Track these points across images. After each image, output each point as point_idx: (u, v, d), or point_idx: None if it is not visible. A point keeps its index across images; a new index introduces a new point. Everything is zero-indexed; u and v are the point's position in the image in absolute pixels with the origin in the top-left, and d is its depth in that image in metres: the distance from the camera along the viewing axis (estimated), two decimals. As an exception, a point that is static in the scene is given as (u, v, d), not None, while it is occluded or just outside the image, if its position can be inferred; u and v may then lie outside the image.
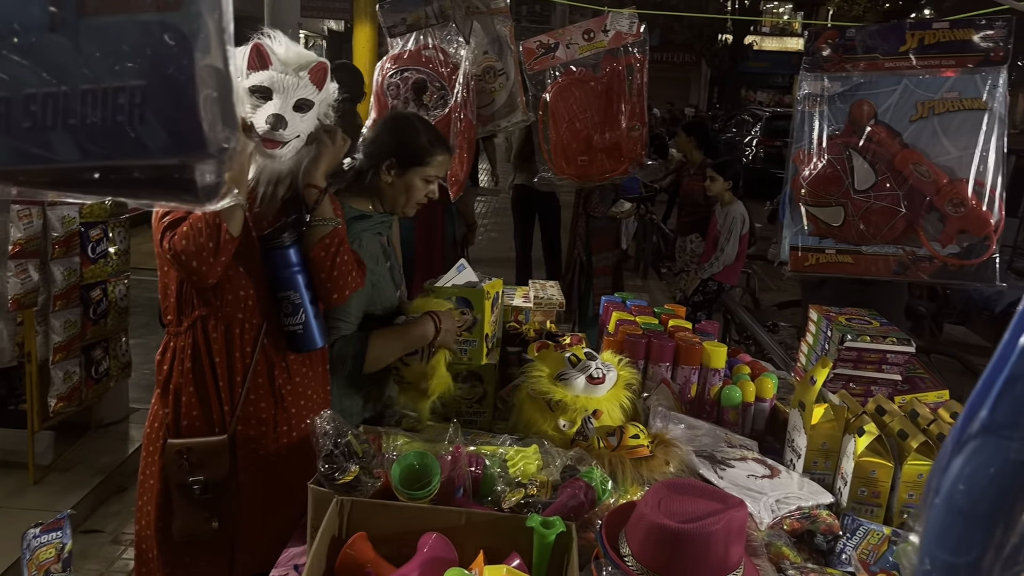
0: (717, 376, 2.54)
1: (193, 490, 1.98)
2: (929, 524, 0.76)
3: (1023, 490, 0.69)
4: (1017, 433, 0.69)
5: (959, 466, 0.73)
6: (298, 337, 2.05)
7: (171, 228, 1.90)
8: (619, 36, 3.19)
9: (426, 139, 2.37)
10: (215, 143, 0.89)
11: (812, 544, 1.95)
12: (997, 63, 2.54)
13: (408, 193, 2.37)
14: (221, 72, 0.89)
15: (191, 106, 0.88)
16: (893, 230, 2.65)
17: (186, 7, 0.86)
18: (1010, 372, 0.69)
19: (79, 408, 3.92)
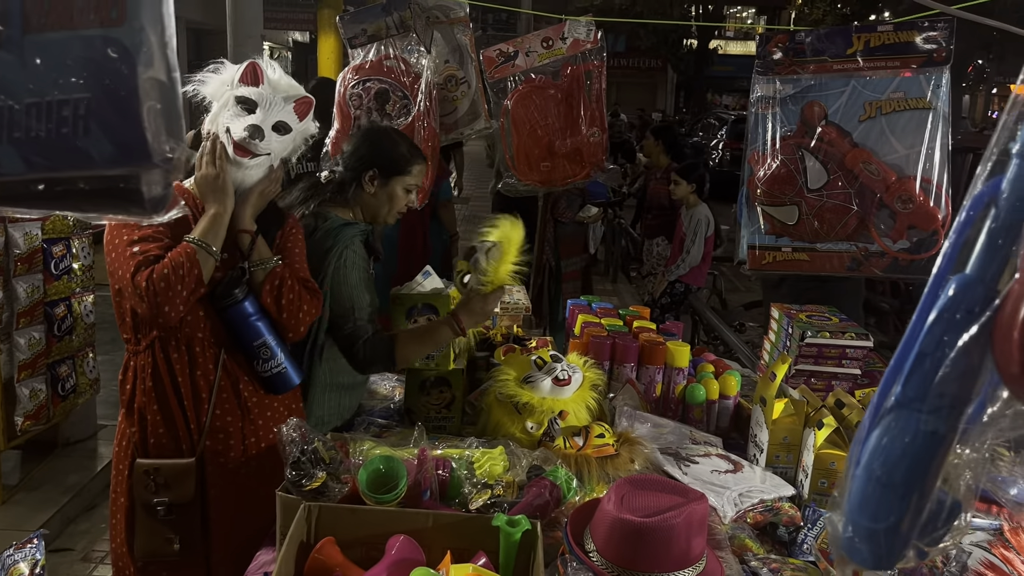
0: (681, 375, 2.59)
1: (157, 511, 1.98)
2: (851, 493, 0.80)
3: (933, 458, 0.75)
4: (926, 406, 0.74)
5: (876, 438, 0.77)
6: (281, 377, 2.09)
7: (146, 265, 1.91)
8: (577, 43, 3.24)
9: (405, 148, 2.46)
10: (159, 153, 0.92)
11: (775, 536, 1.99)
12: (940, 63, 2.63)
13: (391, 202, 2.43)
14: (164, 84, 0.92)
15: (135, 117, 0.90)
16: (846, 227, 2.72)
17: (129, 22, 0.89)
18: (919, 350, 0.74)
19: (46, 426, 3.87)
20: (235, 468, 2.06)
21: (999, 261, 0.70)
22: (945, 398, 0.73)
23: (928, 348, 0.73)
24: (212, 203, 1.98)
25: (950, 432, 0.74)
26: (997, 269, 0.70)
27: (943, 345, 0.72)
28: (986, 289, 0.70)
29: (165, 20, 0.92)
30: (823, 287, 3.14)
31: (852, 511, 0.80)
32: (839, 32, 2.71)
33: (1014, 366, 0.65)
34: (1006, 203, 0.71)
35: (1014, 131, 0.73)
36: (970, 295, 0.71)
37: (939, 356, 0.72)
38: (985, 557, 1.74)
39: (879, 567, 0.80)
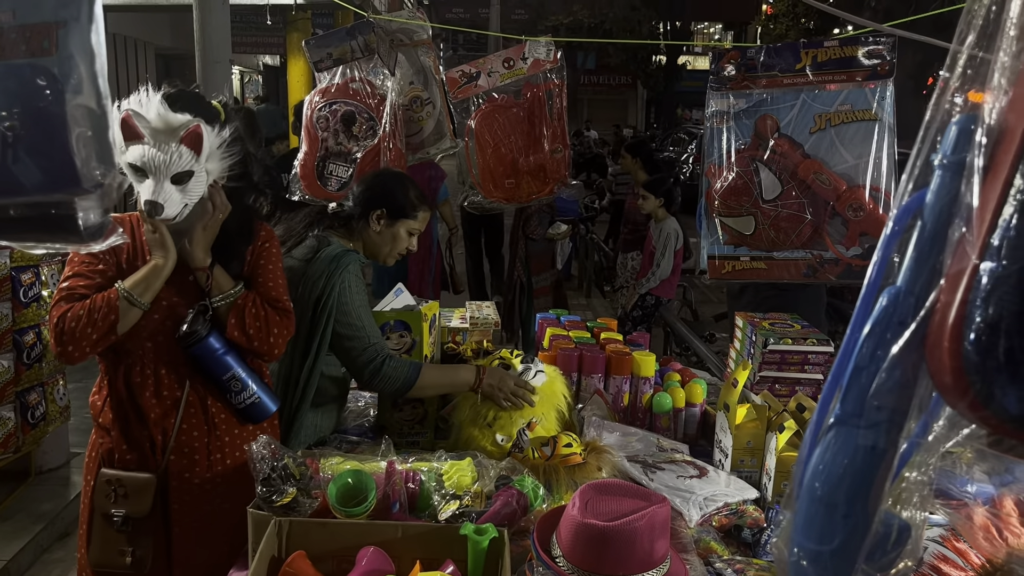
0: (648, 384, 2.64)
1: (114, 521, 1.99)
2: (796, 515, 0.79)
3: (875, 475, 0.73)
4: (863, 421, 0.73)
5: (817, 457, 0.77)
6: (256, 407, 2.09)
7: (68, 300, 1.93)
8: (537, 63, 3.31)
9: (414, 195, 2.54)
10: (89, 179, 0.93)
11: (739, 538, 2.03)
12: (884, 76, 2.73)
13: (394, 242, 2.52)
14: (94, 111, 0.94)
15: (63, 144, 0.92)
16: (801, 235, 2.80)
17: (59, 52, 0.92)
18: (854, 364, 0.74)
19: (16, 455, 3.85)
20: (200, 485, 2.07)
21: (927, 272, 0.70)
22: (883, 411, 0.72)
23: (863, 362, 0.73)
24: (155, 255, 1.96)
25: (890, 447, 0.73)
26: (926, 280, 0.70)
27: (877, 358, 0.72)
28: (916, 300, 0.70)
29: (95, 50, 0.94)
30: (783, 295, 3.22)
31: (797, 533, 0.78)
32: (788, 48, 2.81)
33: (946, 376, 0.64)
34: (931, 214, 0.71)
35: (935, 143, 0.73)
36: (901, 307, 0.71)
37: (874, 369, 0.72)
38: (939, 551, 1.79)
39: None
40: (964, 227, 0.65)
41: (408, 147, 3.37)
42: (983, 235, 0.62)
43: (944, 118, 0.73)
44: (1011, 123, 0.64)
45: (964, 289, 0.63)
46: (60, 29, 0.91)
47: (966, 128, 0.69)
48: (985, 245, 0.62)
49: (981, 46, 0.69)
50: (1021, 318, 0.60)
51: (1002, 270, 0.60)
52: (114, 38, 10.67)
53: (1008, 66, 0.66)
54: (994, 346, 0.60)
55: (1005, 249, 0.61)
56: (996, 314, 0.60)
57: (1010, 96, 0.65)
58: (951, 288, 0.64)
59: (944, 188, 0.70)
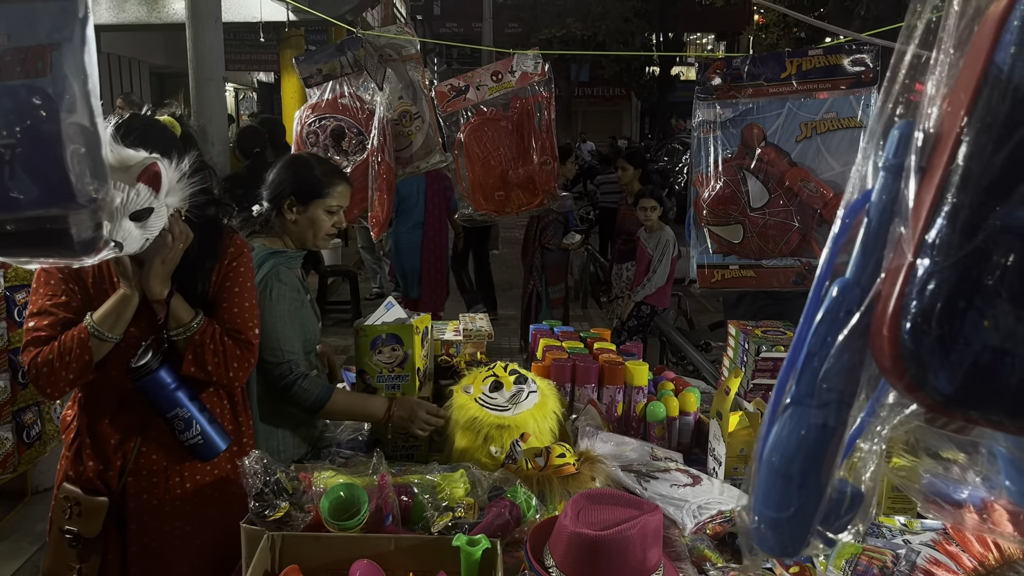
0: (641, 393, 2.65)
1: (67, 536, 2.00)
2: (756, 487, 0.86)
3: (825, 450, 0.80)
4: (815, 401, 0.80)
5: (775, 434, 0.83)
6: (201, 447, 2.02)
7: (35, 344, 1.91)
8: (525, 76, 3.34)
9: (320, 172, 2.46)
10: (84, 194, 0.96)
11: (733, 545, 2.04)
12: (868, 84, 2.76)
13: (314, 226, 2.45)
14: (87, 129, 0.97)
15: (59, 160, 0.95)
16: (789, 243, 2.82)
17: (53, 72, 0.95)
18: (807, 351, 0.80)
19: (13, 475, 3.84)
20: (159, 506, 2.05)
21: (872, 265, 0.76)
22: (832, 392, 0.78)
23: (815, 348, 0.79)
24: (122, 284, 1.92)
25: (840, 424, 0.80)
26: (871, 273, 0.75)
27: (827, 344, 0.78)
28: (862, 291, 0.76)
29: (88, 70, 0.97)
30: (780, 303, 3.23)
31: (758, 503, 0.85)
32: (773, 57, 2.83)
33: (886, 360, 0.70)
34: (875, 212, 0.77)
35: (879, 146, 0.79)
36: (849, 297, 0.77)
37: (825, 354, 0.78)
38: (931, 555, 1.80)
39: (785, 554, 0.86)
40: (903, 226, 0.71)
41: (398, 161, 3.39)
42: (919, 234, 0.68)
43: (888, 122, 0.79)
44: (945, 129, 0.70)
45: (901, 283, 0.69)
46: (54, 51, 0.95)
47: (907, 133, 0.75)
48: (920, 243, 0.68)
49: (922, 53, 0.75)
50: (950, 309, 0.66)
51: (934, 267, 0.67)
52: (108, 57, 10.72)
53: (946, 73, 0.71)
54: (927, 334, 0.67)
55: (937, 247, 0.67)
56: (929, 306, 0.66)
57: (946, 103, 0.71)
58: (891, 281, 0.70)
59: (887, 188, 0.76)
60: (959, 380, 0.66)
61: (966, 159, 0.66)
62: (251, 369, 2.11)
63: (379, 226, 3.26)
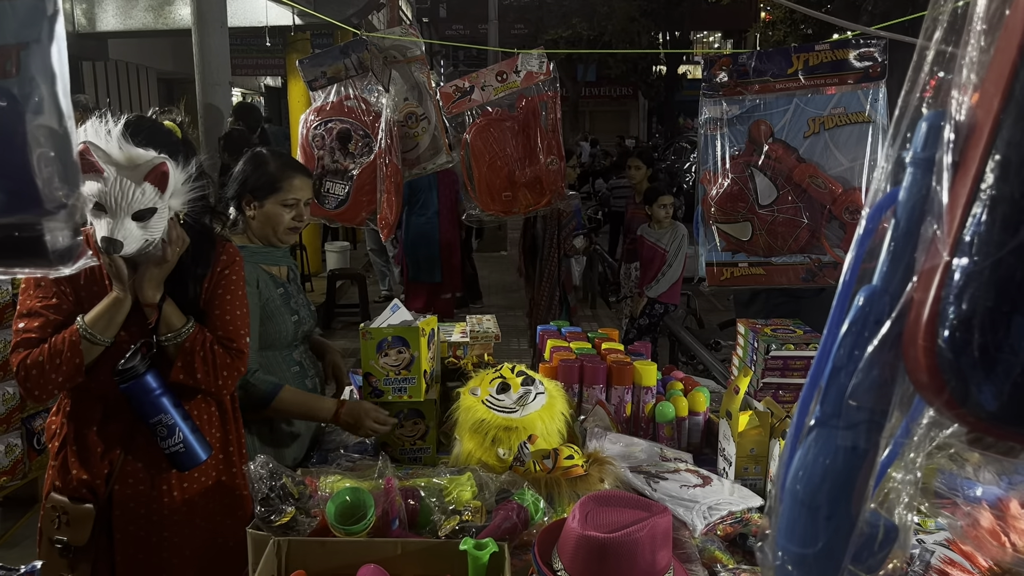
0: (650, 394, 2.62)
1: (57, 546, 1.99)
2: (779, 518, 0.78)
3: (856, 476, 0.73)
4: (843, 422, 0.73)
5: (798, 460, 0.76)
6: (181, 456, 1.98)
7: (25, 346, 1.89)
8: (530, 76, 3.32)
9: (274, 166, 2.46)
10: (52, 200, 0.91)
11: (744, 546, 2.02)
12: (876, 78, 2.73)
13: (273, 221, 2.45)
14: (56, 132, 0.92)
15: (24, 165, 0.91)
16: (798, 240, 2.80)
17: (22, 73, 0.91)
18: (832, 365, 0.74)
19: (23, 481, 3.85)
20: (145, 515, 2.04)
21: (902, 270, 0.69)
22: (862, 411, 0.72)
23: (841, 362, 0.73)
24: (115, 287, 1.90)
25: (871, 447, 0.73)
26: (901, 278, 0.69)
27: (855, 358, 0.71)
28: (892, 298, 0.69)
29: (56, 70, 0.93)
30: (796, 300, 3.20)
31: (781, 536, 0.78)
32: (779, 53, 2.81)
33: (922, 374, 0.64)
34: (903, 212, 0.71)
35: (906, 139, 0.72)
36: (877, 306, 0.71)
37: (852, 369, 0.71)
38: (945, 554, 1.78)
39: None
40: (935, 224, 0.64)
41: (404, 163, 3.38)
42: (954, 232, 0.62)
43: (914, 115, 0.72)
44: (979, 119, 0.63)
45: (937, 286, 0.62)
46: (22, 51, 0.91)
47: (935, 124, 0.68)
48: (956, 242, 0.61)
49: (949, 41, 0.69)
50: (994, 314, 0.59)
51: (973, 266, 0.60)
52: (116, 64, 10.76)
53: (976, 60, 0.65)
54: (968, 343, 0.60)
55: (976, 245, 0.60)
56: (969, 311, 0.60)
57: (978, 91, 0.64)
58: (924, 285, 0.64)
59: (916, 185, 0.70)
60: (1006, 394, 0.59)
61: (1004, 148, 0.60)
62: (240, 378, 2.08)
63: (388, 227, 3.25)
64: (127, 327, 1.95)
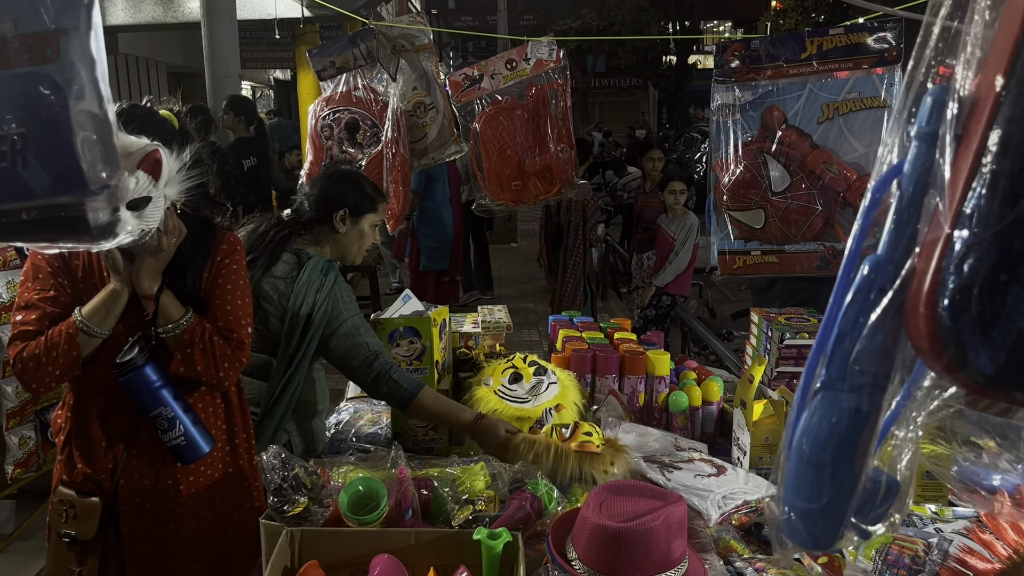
0: (663, 383, 2.61)
1: (65, 540, 1.98)
2: (786, 476, 0.82)
3: (858, 436, 0.76)
4: (847, 385, 0.76)
5: (805, 420, 0.79)
6: (183, 449, 1.95)
7: (22, 338, 1.88)
8: (540, 63, 3.29)
9: (370, 188, 2.54)
10: (96, 181, 0.95)
11: (760, 536, 2.00)
12: (891, 62, 2.69)
13: (361, 239, 2.52)
14: (98, 116, 0.96)
15: (69, 148, 0.94)
16: (812, 227, 2.77)
17: (61, 59, 0.93)
18: (838, 331, 0.76)
19: (38, 473, 3.87)
20: (152, 509, 2.02)
21: (906, 240, 0.72)
22: (865, 376, 0.75)
23: (846, 328, 0.75)
24: (112, 279, 1.87)
25: (873, 409, 0.76)
26: (905, 247, 0.72)
27: (859, 325, 0.74)
28: (895, 267, 0.72)
29: (95, 56, 0.96)
30: (814, 286, 3.16)
31: (788, 493, 0.82)
32: (792, 38, 2.77)
33: (923, 340, 0.67)
34: (908, 184, 0.73)
35: (912, 114, 0.75)
36: (881, 274, 0.73)
37: (856, 335, 0.74)
38: (965, 543, 1.76)
39: (818, 547, 0.82)
40: (938, 197, 0.67)
41: (413, 153, 3.36)
42: (955, 204, 0.65)
43: (920, 90, 0.74)
44: (982, 94, 0.66)
45: (938, 257, 0.65)
46: (61, 37, 0.94)
47: (940, 99, 0.70)
48: (957, 214, 0.64)
49: (955, 17, 0.70)
50: (991, 284, 0.62)
51: (973, 238, 0.63)
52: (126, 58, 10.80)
53: (980, 36, 0.67)
54: (966, 311, 0.63)
55: (976, 218, 0.63)
56: (968, 280, 0.63)
57: (982, 67, 0.67)
58: (926, 256, 0.67)
59: (920, 158, 0.72)
60: (1002, 359, 0.62)
61: (1006, 123, 0.62)
62: (242, 369, 2.05)
63: (395, 219, 3.24)
64: (125, 319, 1.93)
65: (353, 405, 2.88)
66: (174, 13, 8.47)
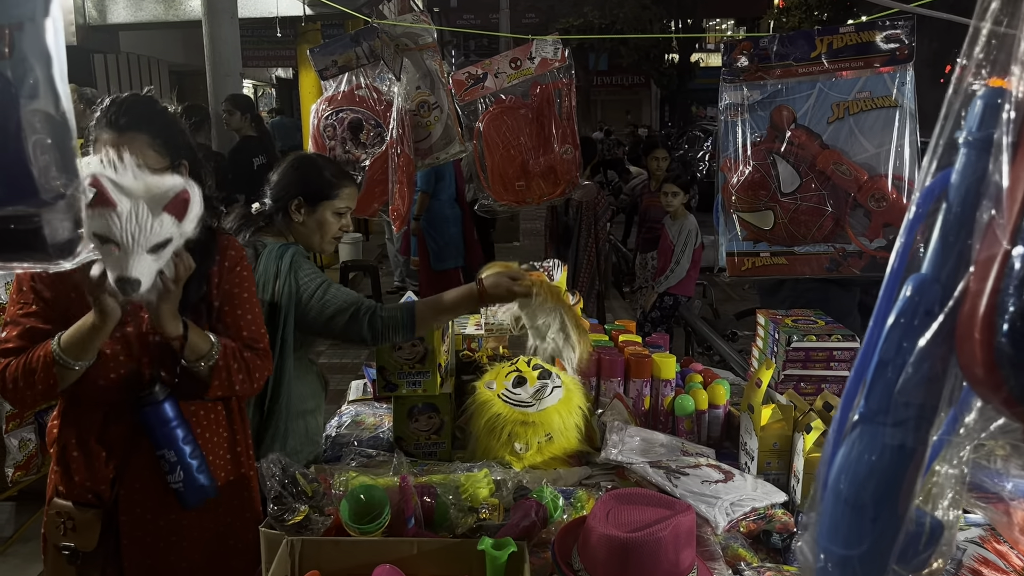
0: (669, 387, 2.58)
1: (64, 553, 1.94)
2: (820, 518, 0.75)
3: (903, 475, 0.70)
4: (890, 418, 0.69)
5: (842, 457, 0.73)
6: (181, 495, 1.92)
7: (3, 355, 1.84)
8: (545, 62, 3.26)
9: (330, 173, 2.43)
10: (49, 190, 0.86)
11: (769, 543, 1.97)
12: (903, 61, 2.65)
13: (321, 229, 2.42)
14: (53, 117, 0.87)
15: (18, 152, 0.85)
16: (822, 229, 2.73)
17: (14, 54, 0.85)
18: (879, 358, 0.70)
19: (37, 476, 3.83)
20: (152, 520, 1.98)
21: (955, 257, 0.66)
22: (910, 408, 0.69)
23: (888, 355, 0.69)
24: (93, 312, 1.71)
25: (919, 445, 0.70)
26: (953, 266, 0.66)
27: (903, 351, 0.68)
28: (943, 288, 0.66)
29: (51, 50, 0.87)
30: (824, 287, 3.11)
31: (823, 537, 0.75)
32: (802, 36, 2.73)
33: (978, 368, 0.60)
34: (956, 195, 0.67)
35: (959, 119, 0.69)
36: (928, 295, 0.67)
37: (900, 363, 0.68)
38: (979, 553, 1.72)
39: None
40: (993, 209, 0.60)
41: (417, 152, 3.32)
42: (1015, 217, 0.58)
43: (968, 93, 0.68)
44: None
45: (995, 276, 0.59)
46: (16, 31, 0.85)
47: (992, 103, 0.64)
48: (1017, 228, 0.58)
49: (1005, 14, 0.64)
50: None
51: None
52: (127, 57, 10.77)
53: None
54: None
55: None
56: None
57: None
58: (981, 275, 0.60)
59: (970, 167, 0.66)
60: None
61: None
62: (269, 375, 2.05)
63: (400, 219, 3.20)
64: (148, 354, 1.89)
65: (354, 408, 2.85)
66: (175, 11, 8.44)
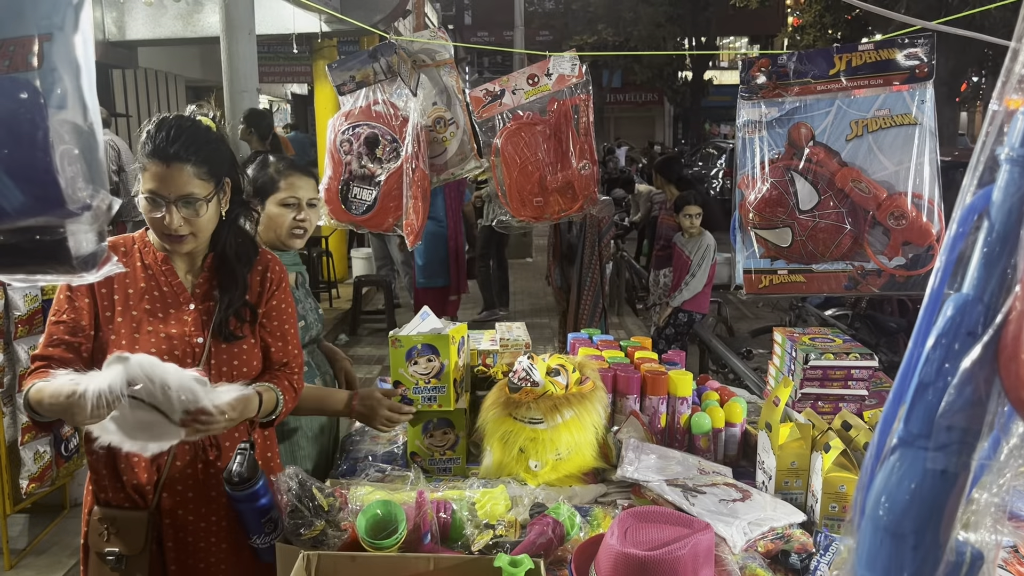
0: (685, 404, 2.56)
1: (108, 560, 1.95)
2: (858, 546, 0.73)
3: (945, 502, 0.68)
4: (932, 442, 0.67)
5: (881, 482, 0.71)
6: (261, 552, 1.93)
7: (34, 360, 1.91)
8: (562, 79, 3.26)
9: (273, 167, 2.44)
10: (76, 200, 0.86)
11: (787, 564, 1.94)
12: (923, 79, 2.63)
13: (275, 223, 2.43)
14: (80, 128, 0.87)
15: (46, 163, 0.85)
16: (840, 247, 2.70)
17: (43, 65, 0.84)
18: (919, 380, 0.68)
19: (52, 488, 3.85)
20: (194, 522, 2.00)
21: (997, 277, 0.64)
22: (953, 432, 0.66)
23: (929, 377, 0.67)
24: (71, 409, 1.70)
25: (962, 471, 0.67)
26: (996, 285, 0.64)
27: (944, 373, 0.66)
28: (986, 308, 0.65)
29: (81, 61, 0.87)
30: None
31: (860, 566, 0.73)
32: (821, 53, 2.72)
33: None
34: (999, 213, 0.65)
35: (1001, 135, 0.68)
36: (969, 316, 0.65)
37: (941, 385, 0.66)
38: None
39: None
40: None
41: (432, 168, 3.33)
42: None
43: (1009, 109, 0.66)
44: None
45: None
46: (46, 42, 0.85)
47: None
48: None
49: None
50: None
51: None
52: (146, 72, 10.89)
53: None
54: None
55: None
56: None
57: None
58: None
59: (1013, 184, 0.64)
60: None
61: None
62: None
63: (414, 234, 3.21)
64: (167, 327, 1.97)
65: (368, 423, 2.84)
66: (193, 28, 8.52)
